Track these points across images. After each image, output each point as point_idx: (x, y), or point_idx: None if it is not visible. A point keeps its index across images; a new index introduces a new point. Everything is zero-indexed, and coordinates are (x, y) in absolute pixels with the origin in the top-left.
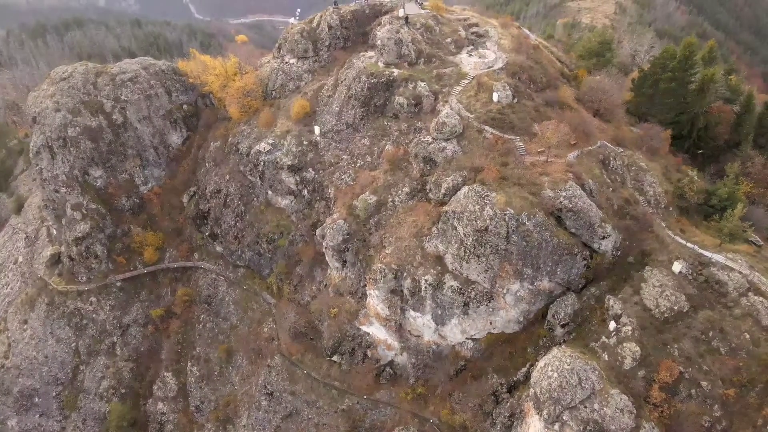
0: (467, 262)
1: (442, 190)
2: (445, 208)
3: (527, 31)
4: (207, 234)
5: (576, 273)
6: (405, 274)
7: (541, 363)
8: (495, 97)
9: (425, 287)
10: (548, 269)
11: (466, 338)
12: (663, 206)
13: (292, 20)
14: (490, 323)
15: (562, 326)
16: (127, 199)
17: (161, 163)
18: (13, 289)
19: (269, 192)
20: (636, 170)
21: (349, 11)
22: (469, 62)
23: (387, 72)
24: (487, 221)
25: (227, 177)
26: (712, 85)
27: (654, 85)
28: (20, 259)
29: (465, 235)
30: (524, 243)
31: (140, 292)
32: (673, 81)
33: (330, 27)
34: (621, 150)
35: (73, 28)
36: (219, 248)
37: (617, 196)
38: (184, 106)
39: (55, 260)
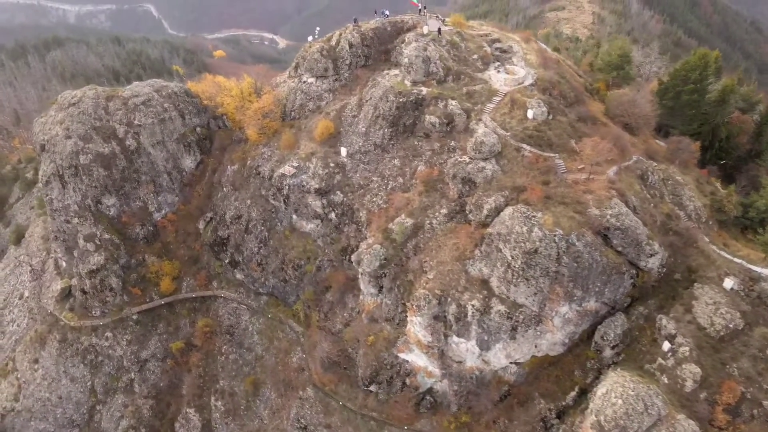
0: (515, 286)
1: (484, 212)
2: (489, 230)
3: (544, 45)
4: (227, 261)
5: (622, 292)
6: (449, 299)
7: (602, 389)
8: (530, 114)
9: (472, 312)
10: (596, 289)
11: (510, 362)
12: (703, 220)
13: (310, 38)
14: (535, 346)
15: (612, 347)
16: (141, 227)
17: (174, 188)
18: (20, 326)
19: (294, 216)
20: (673, 184)
21: (370, 29)
22: (498, 79)
23: (415, 90)
24: (537, 243)
25: (248, 202)
26: (732, 95)
27: (676, 96)
28: (26, 293)
29: (513, 258)
30: (575, 264)
31: (158, 324)
32: (695, 92)
33: (351, 45)
34: (655, 164)
35: (53, 47)
36: (239, 276)
37: (658, 211)
38: (198, 129)
39: (66, 294)
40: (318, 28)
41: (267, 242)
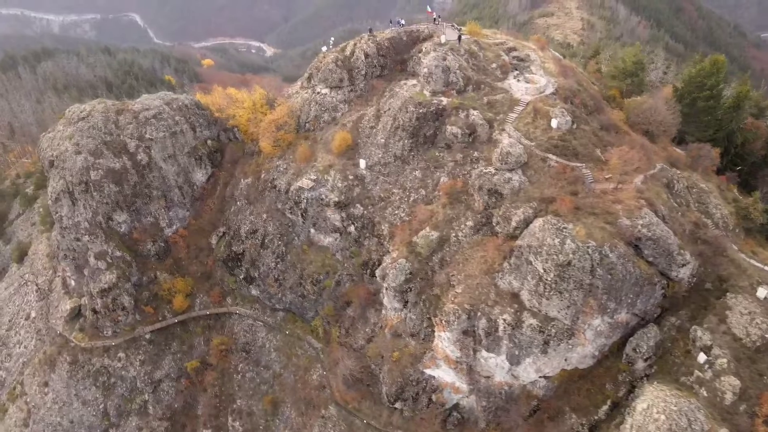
0: (547, 299)
1: (513, 224)
2: (518, 242)
3: (557, 53)
4: (241, 277)
5: (653, 303)
6: (479, 313)
7: (641, 404)
8: (554, 123)
9: (503, 327)
10: (629, 301)
11: (539, 376)
12: (730, 228)
13: (324, 49)
14: (565, 360)
15: (645, 360)
16: (153, 243)
17: (186, 203)
18: (27, 348)
19: (311, 230)
20: (698, 192)
21: (385, 38)
22: (519, 88)
23: (435, 101)
24: (570, 255)
25: (264, 216)
26: (746, 101)
27: (692, 103)
28: (33, 314)
29: (545, 271)
30: (609, 276)
31: (171, 343)
32: (710, 98)
33: (367, 55)
34: (678, 172)
35: (43, 58)
36: (255, 292)
37: (686, 220)
38: (209, 142)
39: (75, 314)
40: (332, 39)
41: (284, 257)
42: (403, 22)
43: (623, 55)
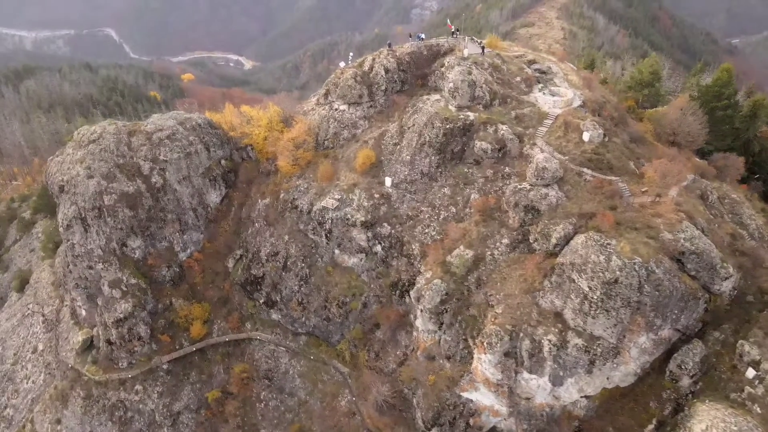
0: (593, 318)
1: (553, 240)
2: (560, 259)
3: (571, 65)
4: (261, 301)
5: (695, 317)
6: (521, 334)
7: (699, 425)
8: (586, 136)
9: (549, 348)
10: (673, 317)
11: (581, 396)
12: (766, 239)
13: (342, 64)
14: (607, 378)
15: (691, 377)
16: (168, 269)
17: (200, 225)
18: (36, 384)
19: (336, 251)
20: (730, 203)
21: (406, 53)
22: (546, 101)
23: (462, 116)
24: (617, 272)
25: (286, 238)
26: (762, 110)
27: (710, 113)
28: (40, 346)
29: (590, 289)
30: (656, 293)
31: (189, 373)
32: (728, 108)
33: (387, 70)
34: (709, 183)
35: (25, 76)
36: (275, 316)
37: (723, 232)
38: (222, 162)
39: (87, 346)
40: (351, 54)
41: (308, 280)
42: (423, 36)
43: (639, 66)
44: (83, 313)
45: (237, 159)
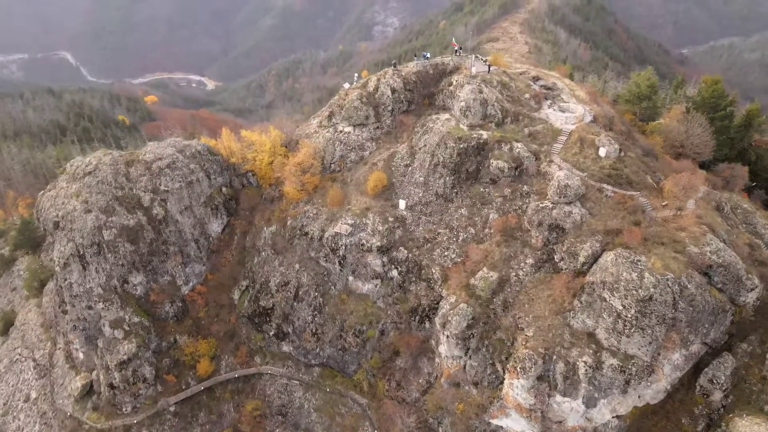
0: (628, 336)
1: (581, 259)
2: (589, 278)
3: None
4: (271, 333)
5: (722, 330)
6: (554, 357)
7: None
8: (602, 152)
9: (585, 370)
10: (704, 331)
11: (612, 417)
12: None
13: (346, 86)
14: (638, 397)
15: (723, 390)
16: (171, 304)
17: (202, 257)
18: None
19: (350, 278)
20: (743, 213)
21: (412, 73)
22: (558, 117)
23: (475, 135)
24: (651, 289)
25: (297, 266)
26: (756, 119)
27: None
28: (33, 394)
29: (624, 307)
30: (690, 308)
31: (198, 414)
32: (725, 118)
33: (393, 90)
34: (720, 193)
35: None
36: (286, 348)
37: (741, 242)
38: (223, 189)
39: (87, 391)
40: (356, 74)
41: (322, 309)
42: (428, 55)
43: (637, 79)
44: (81, 356)
45: (237, 186)
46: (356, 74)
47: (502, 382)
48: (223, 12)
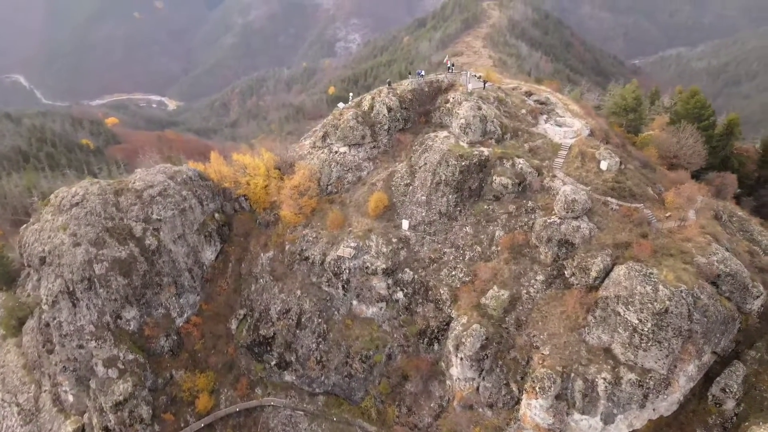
0: (645, 350)
1: (593, 274)
2: (603, 293)
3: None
4: (273, 363)
5: (730, 339)
6: (572, 374)
7: None
8: (604, 165)
9: (605, 387)
10: (715, 341)
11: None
12: None
13: (341, 105)
14: (653, 410)
15: (735, 399)
16: (166, 338)
17: (196, 286)
18: None
19: (354, 302)
20: (738, 220)
21: (407, 91)
22: (556, 132)
23: (477, 152)
24: (666, 302)
25: (298, 293)
26: (736, 128)
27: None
28: None
29: (640, 321)
30: (705, 319)
31: None
32: (709, 128)
33: (390, 109)
34: (716, 202)
35: None
36: (289, 377)
37: (741, 250)
38: (216, 215)
39: None
40: (351, 94)
41: (326, 336)
42: (422, 72)
43: (622, 91)
44: (70, 398)
45: (229, 211)
46: (351, 94)
47: (517, 403)
48: (181, 31)
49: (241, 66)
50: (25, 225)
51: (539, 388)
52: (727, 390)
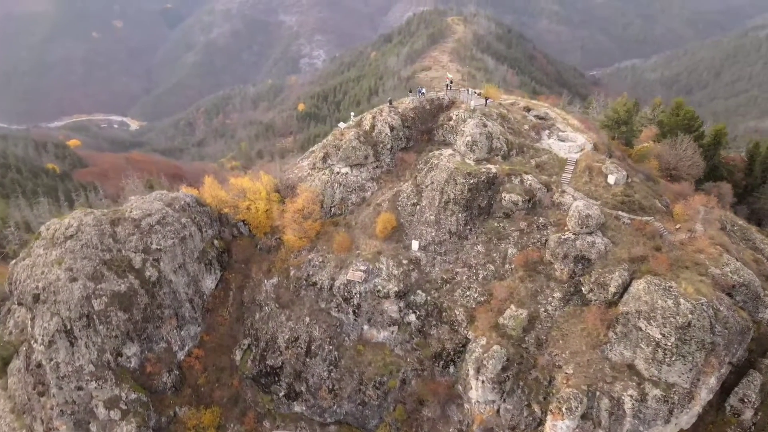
0: (669, 365)
1: (612, 289)
2: (623, 308)
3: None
4: (281, 394)
5: (745, 348)
6: (598, 393)
7: None
8: (611, 179)
9: (631, 404)
10: (733, 351)
11: None
12: None
13: (341, 125)
14: (675, 424)
15: (754, 408)
16: (168, 374)
17: (197, 317)
18: None
19: (365, 327)
20: (740, 229)
21: (409, 109)
22: (560, 147)
23: (484, 169)
24: (689, 315)
25: (307, 320)
26: (723, 138)
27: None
28: None
29: (664, 336)
30: (726, 330)
31: None
32: (698, 139)
33: (392, 128)
34: (716, 212)
35: None
36: (298, 408)
37: (748, 258)
38: (215, 242)
39: None
40: (353, 113)
41: (338, 363)
42: (423, 90)
43: (614, 105)
44: None
45: (228, 237)
46: (352, 113)
47: (540, 424)
48: (141, 50)
49: (204, 84)
50: (14, 260)
51: (566, 408)
52: (746, 400)
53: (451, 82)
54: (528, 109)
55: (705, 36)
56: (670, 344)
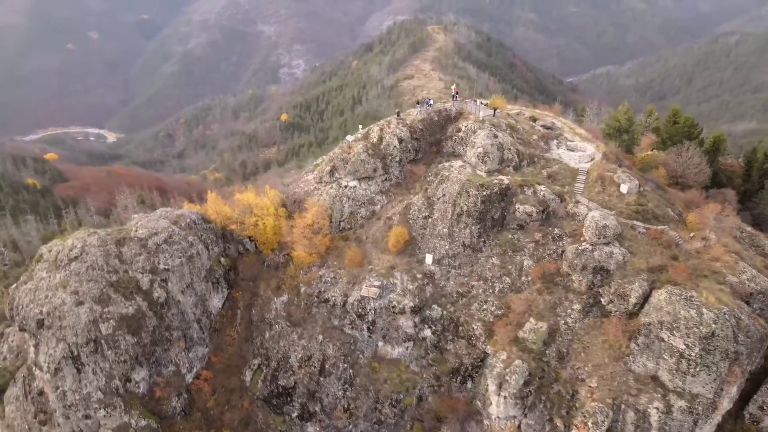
0: (693, 376)
1: (632, 300)
2: (644, 319)
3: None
4: (294, 415)
5: (761, 355)
6: (623, 406)
7: None
8: (624, 188)
9: (658, 416)
10: (754, 359)
11: None
12: None
13: (349, 138)
14: None
15: None
16: (177, 398)
17: (205, 338)
18: None
19: (379, 343)
20: (749, 235)
21: (418, 121)
22: (570, 157)
23: (497, 181)
24: (712, 325)
25: (320, 338)
26: (722, 144)
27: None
28: None
29: (687, 346)
30: (748, 339)
31: None
32: (698, 146)
33: (401, 140)
34: (725, 219)
35: None
36: (312, 429)
37: (760, 265)
38: (221, 259)
39: None
40: (360, 126)
41: (353, 381)
42: (431, 102)
43: (615, 113)
44: None
45: (233, 254)
46: (360, 126)
47: None
48: (117, 62)
49: (183, 95)
50: (15, 285)
51: (592, 423)
52: (765, 407)
53: (457, 93)
54: (534, 119)
55: (676, 43)
56: (694, 354)
